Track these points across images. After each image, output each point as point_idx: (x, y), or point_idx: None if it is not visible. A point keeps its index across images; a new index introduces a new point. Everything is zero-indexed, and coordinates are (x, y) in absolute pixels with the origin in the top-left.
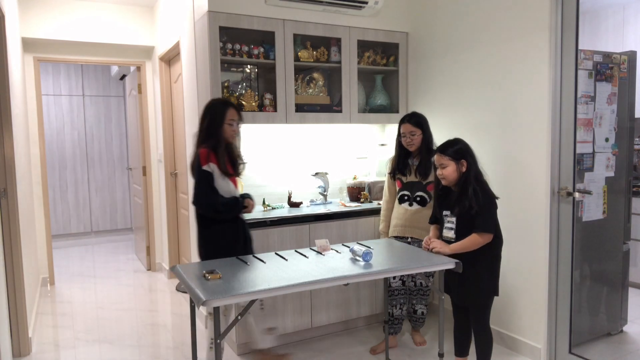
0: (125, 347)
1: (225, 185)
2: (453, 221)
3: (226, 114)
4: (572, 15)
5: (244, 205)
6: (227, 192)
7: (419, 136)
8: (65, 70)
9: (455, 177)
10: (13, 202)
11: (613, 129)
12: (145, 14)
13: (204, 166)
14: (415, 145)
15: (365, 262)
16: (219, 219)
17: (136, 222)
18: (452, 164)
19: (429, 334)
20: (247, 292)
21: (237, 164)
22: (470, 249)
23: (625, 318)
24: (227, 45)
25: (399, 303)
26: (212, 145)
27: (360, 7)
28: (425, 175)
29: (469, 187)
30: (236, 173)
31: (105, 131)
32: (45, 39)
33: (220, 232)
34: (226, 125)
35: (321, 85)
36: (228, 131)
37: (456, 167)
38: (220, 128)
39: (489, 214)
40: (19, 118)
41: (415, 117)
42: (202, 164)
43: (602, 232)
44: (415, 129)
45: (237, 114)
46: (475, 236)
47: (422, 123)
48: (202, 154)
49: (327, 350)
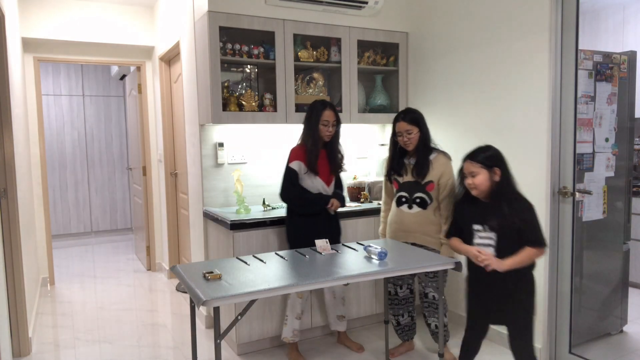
0: (125, 347)
1: (311, 182)
2: (491, 237)
3: (321, 115)
4: (572, 15)
5: (325, 203)
6: (313, 189)
7: (416, 134)
8: (65, 70)
9: (487, 187)
10: (13, 202)
11: (613, 129)
12: (145, 14)
13: (289, 163)
14: (413, 144)
15: (380, 261)
16: (301, 212)
17: (136, 222)
18: (484, 171)
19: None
20: (247, 292)
21: (335, 162)
22: (526, 264)
23: (625, 318)
24: (227, 45)
25: (406, 311)
26: (306, 143)
27: (360, 7)
28: (422, 175)
29: (504, 200)
30: (334, 171)
31: (105, 131)
32: (45, 39)
33: (300, 224)
34: (321, 125)
35: (321, 85)
36: (323, 131)
37: (488, 175)
38: (316, 128)
39: (538, 225)
40: (19, 118)
41: (410, 114)
42: (289, 161)
43: (602, 232)
44: (411, 126)
45: (333, 116)
46: (530, 250)
47: (419, 120)
48: (291, 151)
49: (327, 350)
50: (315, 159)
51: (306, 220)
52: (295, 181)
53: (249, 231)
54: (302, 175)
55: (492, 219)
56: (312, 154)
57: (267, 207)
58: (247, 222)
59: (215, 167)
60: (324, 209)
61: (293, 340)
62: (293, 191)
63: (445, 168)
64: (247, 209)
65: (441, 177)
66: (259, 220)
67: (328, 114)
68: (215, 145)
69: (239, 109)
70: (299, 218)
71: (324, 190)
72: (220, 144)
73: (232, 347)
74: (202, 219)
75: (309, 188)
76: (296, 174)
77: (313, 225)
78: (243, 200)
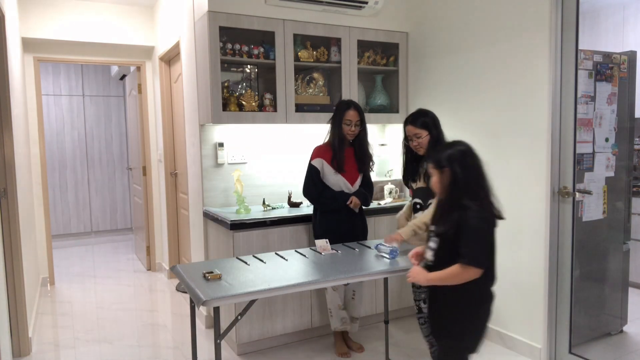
0: (125, 347)
1: (333, 179)
2: (436, 242)
3: (344, 114)
4: (572, 15)
5: (344, 201)
6: (336, 186)
7: (426, 138)
8: (65, 70)
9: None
10: (13, 202)
11: (613, 129)
12: (145, 14)
13: (311, 160)
14: (423, 148)
15: (391, 259)
16: (322, 209)
17: (136, 222)
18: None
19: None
20: (247, 292)
21: (361, 162)
22: (449, 282)
23: (625, 318)
24: (227, 45)
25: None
26: (331, 142)
27: (360, 7)
28: None
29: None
30: (361, 170)
31: (105, 131)
32: (45, 39)
33: (324, 220)
34: (344, 124)
35: (321, 85)
36: (345, 130)
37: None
38: (339, 127)
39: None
40: (19, 118)
41: (419, 116)
42: (311, 158)
43: (602, 232)
44: (419, 130)
45: (356, 115)
46: (457, 267)
47: (428, 123)
48: (314, 149)
49: (327, 350)
50: (339, 157)
51: (329, 217)
52: (316, 178)
53: (249, 231)
54: (325, 173)
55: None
56: (336, 152)
57: (267, 207)
58: (247, 222)
59: (215, 167)
60: (345, 207)
61: (343, 328)
62: (313, 188)
63: None
64: (247, 209)
65: None
66: (259, 220)
67: (351, 113)
68: (215, 145)
69: (239, 109)
70: (322, 214)
71: (346, 188)
72: (220, 144)
73: (232, 347)
74: (202, 219)
75: (332, 185)
76: (317, 171)
77: (336, 222)
78: (243, 200)
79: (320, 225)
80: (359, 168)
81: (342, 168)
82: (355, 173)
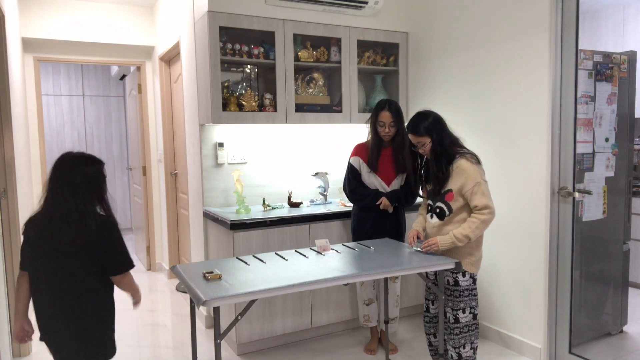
0: (125, 347)
1: (369, 178)
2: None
3: (378, 115)
4: (572, 15)
5: (373, 200)
6: (371, 185)
7: (429, 144)
8: (65, 70)
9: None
10: (13, 202)
11: (613, 129)
12: (145, 14)
13: (350, 158)
14: (428, 153)
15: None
16: (358, 206)
17: (136, 222)
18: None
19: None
20: (247, 292)
21: (399, 163)
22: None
23: (625, 318)
24: (227, 45)
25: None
26: (370, 142)
27: (360, 7)
28: (439, 185)
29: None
30: (399, 171)
31: (105, 131)
32: (45, 39)
33: (358, 217)
34: (378, 126)
35: (321, 85)
36: (380, 131)
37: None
38: (374, 127)
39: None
40: (19, 118)
41: (419, 122)
42: (350, 156)
43: (602, 232)
44: (421, 138)
45: (390, 117)
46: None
47: (429, 128)
48: (355, 147)
49: (327, 350)
50: (374, 158)
51: (361, 215)
52: (353, 175)
53: (249, 231)
54: (362, 171)
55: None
56: (371, 152)
57: (267, 207)
58: (247, 222)
59: (215, 167)
60: (376, 206)
61: (365, 325)
62: (349, 184)
63: (466, 175)
64: (247, 209)
65: (463, 187)
66: (259, 220)
67: (385, 115)
68: (215, 145)
69: (239, 109)
70: (358, 211)
71: (381, 188)
72: (220, 144)
73: (232, 347)
74: (202, 219)
75: (367, 184)
76: (353, 168)
77: (369, 219)
78: (243, 200)
79: (352, 222)
80: (396, 169)
81: (376, 168)
82: (391, 173)
